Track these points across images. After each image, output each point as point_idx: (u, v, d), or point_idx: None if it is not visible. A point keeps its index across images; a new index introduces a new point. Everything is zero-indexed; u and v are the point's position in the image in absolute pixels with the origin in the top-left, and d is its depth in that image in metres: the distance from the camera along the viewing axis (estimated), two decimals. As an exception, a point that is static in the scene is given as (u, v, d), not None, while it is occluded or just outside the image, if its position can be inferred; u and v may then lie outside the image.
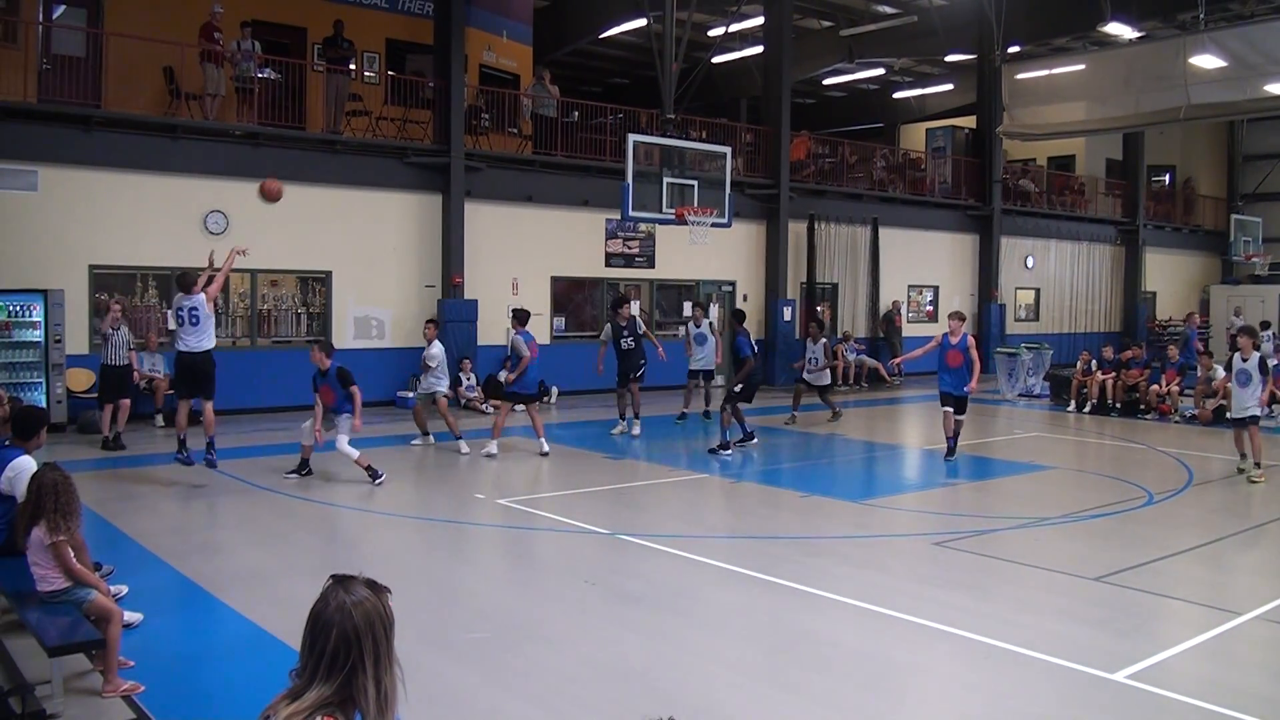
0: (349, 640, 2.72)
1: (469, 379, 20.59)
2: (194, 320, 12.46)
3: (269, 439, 16.31)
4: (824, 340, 19.71)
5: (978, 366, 15.16)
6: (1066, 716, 6.22)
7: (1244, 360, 14.10)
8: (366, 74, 22.53)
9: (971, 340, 15.36)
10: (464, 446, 15.24)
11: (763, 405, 21.89)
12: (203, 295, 12.51)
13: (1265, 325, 29.27)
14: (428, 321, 17.11)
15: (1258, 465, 13.91)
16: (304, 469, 13.30)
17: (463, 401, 20.42)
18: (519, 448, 15.63)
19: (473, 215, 21.40)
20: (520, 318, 15.71)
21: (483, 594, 8.65)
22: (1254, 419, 14.06)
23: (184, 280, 12.88)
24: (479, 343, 21.25)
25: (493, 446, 15.03)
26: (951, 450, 15.30)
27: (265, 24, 20.98)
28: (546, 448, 15.12)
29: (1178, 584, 9.16)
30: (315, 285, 20.30)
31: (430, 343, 16.28)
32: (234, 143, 19.17)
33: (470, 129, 21.94)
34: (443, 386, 16.17)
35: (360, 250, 20.38)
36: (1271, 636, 7.91)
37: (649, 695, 6.39)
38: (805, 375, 19.79)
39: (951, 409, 15.25)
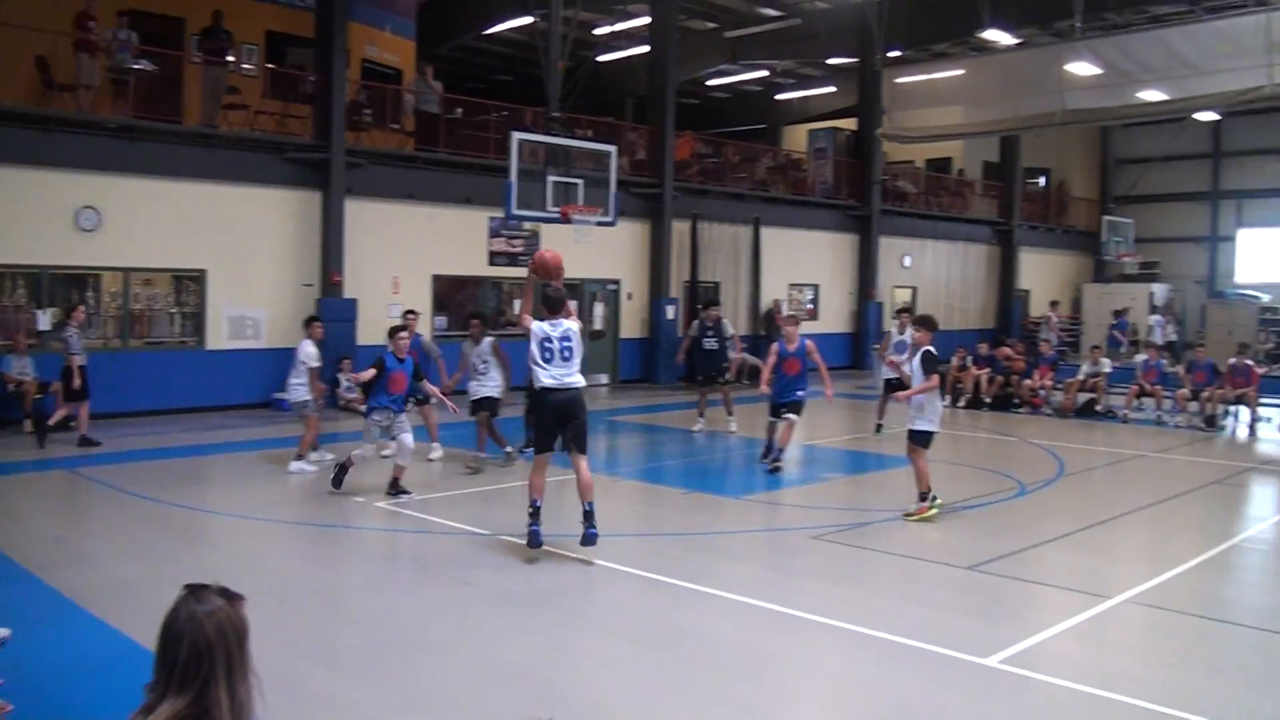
0: (200, 651, 2.67)
1: (348, 380, 20.27)
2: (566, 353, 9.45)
3: (141, 444, 15.86)
4: (489, 339, 14.63)
5: (824, 369, 14.58)
6: (942, 702, 6.35)
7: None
8: (245, 66, 22.04)
9: (811, 344, 14.35)
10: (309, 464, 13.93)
11: (654, 404, 21.98)
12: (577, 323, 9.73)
13: (1119, 314, 30.24)
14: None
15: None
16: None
17: (341, 403, 20.12)
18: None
19: (353, 212, 21.08)
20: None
21: (363, 600, 8.50)
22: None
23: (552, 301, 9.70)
24: (359, 342, 20.92)
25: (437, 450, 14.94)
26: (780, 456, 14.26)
27: (142, 13, 20.39)
28: (440, 452, 14.96)
29: (1049, 570, 9.41)
30: (189, 284, 19.79)
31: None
32: (108, 136, 18.58)
33: (351, 124, 21.59)
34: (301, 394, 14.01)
35: (236, 248, 19.92)
36: (1140, 618, 8.18)
37: (535, 696, 6.37)
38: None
39: (795, 416, 14.18)
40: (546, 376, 9.30)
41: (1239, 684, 6.78)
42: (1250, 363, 19.95)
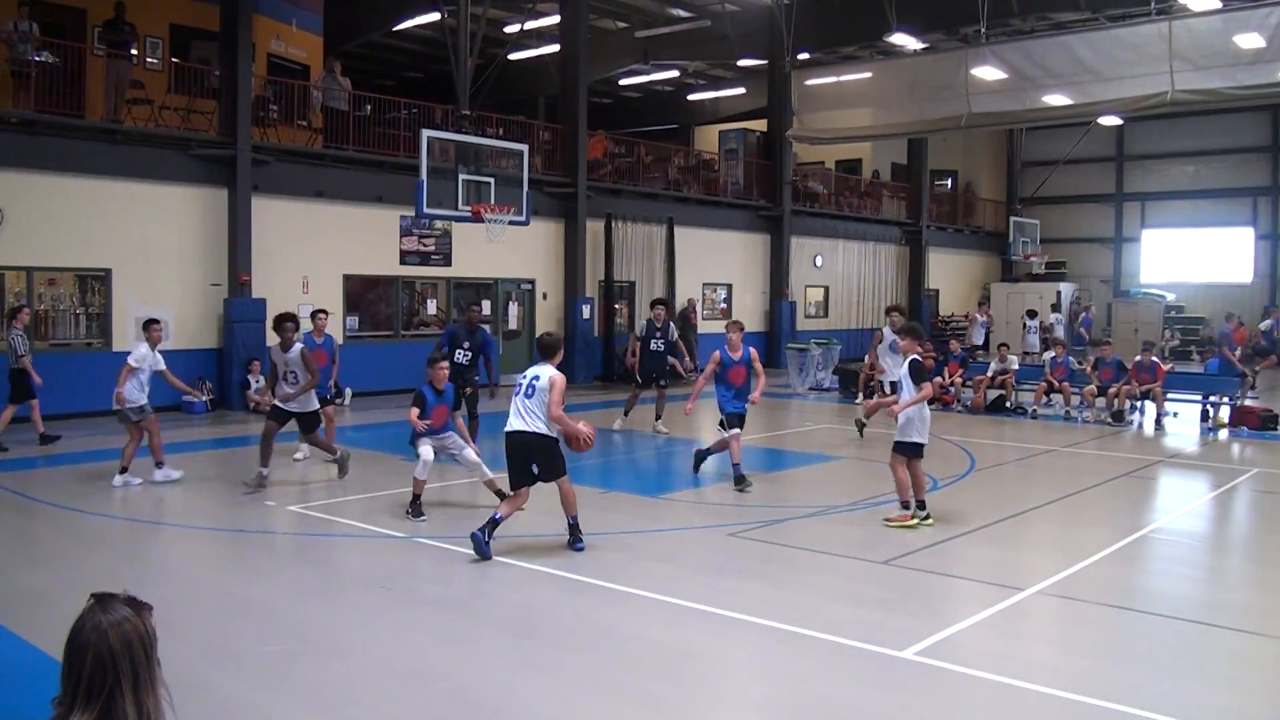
0: (104, 663, 2.58)
1: (257, 381, 19.93)
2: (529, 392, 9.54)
3: (49, 450, 15.43)
4: (299, 346, 13.13)
5: (762, 380, 13.43)
6: (860, 695, 6.37)
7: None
8: (149, 60, 21.50)
9: (755, 353, 13.47)
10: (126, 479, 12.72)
11: (571, 403, 21.86)
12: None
13: (1033, 314, 30.87)
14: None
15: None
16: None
17: (250, 405, 19.77)
18: (313, 453, 15.14)
19: (260, 211, 20.71)
20: None
21: (275, 605, 8.30)
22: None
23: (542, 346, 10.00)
24: (267, 344, 20.51)
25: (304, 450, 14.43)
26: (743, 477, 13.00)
27: (43, 4, 19.77)
28: (306, 452, 14.62)
29: (963, 564, 9.50)
30: (94, 284, 19.28)
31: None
32: (9, 131, 17.99)
33: (258, 120, 21.23)
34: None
35: (142, 247, 19.45)
36: (1052, 609, 8.30)
37: (450, 700, 6.27)
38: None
39: (739, 430, 13.20)
40: (511, 418, 9.57)
41: (1152, 671, 6.88)
42: (1156, 359, 20.40)
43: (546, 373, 9.52)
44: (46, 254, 18.38)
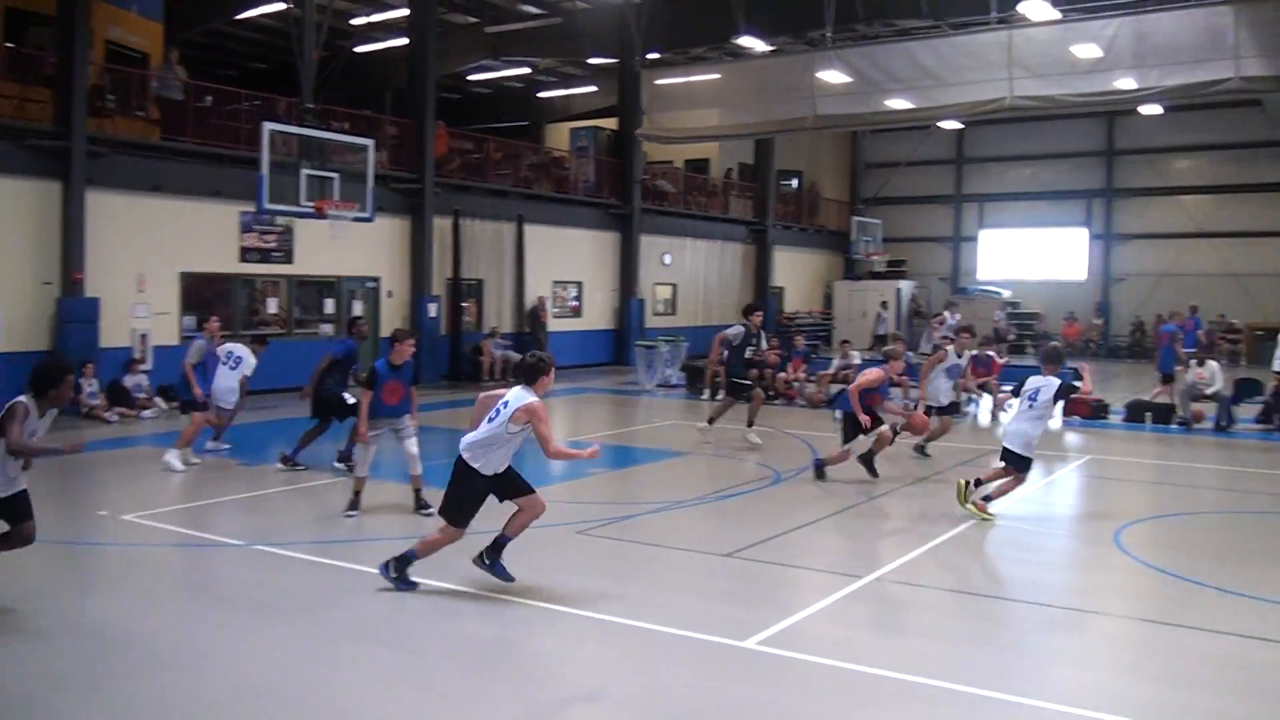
0: None
1: (91, 385, 19.19)
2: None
3: None
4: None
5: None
6: (703, 686, 6.45)
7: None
8: (-18, 45, 20.55)
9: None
10: None
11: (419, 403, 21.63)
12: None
13: (933, 315, 31.60)
14: None
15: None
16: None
17: (84, 410, 19.03)
18: (150, 459, 14.68)
19: (95, 205, 19.92)
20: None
21: (107, 620, 7.93)
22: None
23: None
24: (101, 345, 19.80)
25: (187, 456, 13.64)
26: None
27: None
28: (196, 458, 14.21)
29: (804, 554, 9.70)
30: (-85, 282, 18.38)
31: None
32: None
33: (94, 111, 20.39)
34: None
35: (-35, 243, 18.61)
36: (888, 595, 8.57)
37: (287, 712, 6.14)
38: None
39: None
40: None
41: (987, 650, 7.13)
42: (991, 353, 21.02)
43: (510, 395, 8.24)
44: None
